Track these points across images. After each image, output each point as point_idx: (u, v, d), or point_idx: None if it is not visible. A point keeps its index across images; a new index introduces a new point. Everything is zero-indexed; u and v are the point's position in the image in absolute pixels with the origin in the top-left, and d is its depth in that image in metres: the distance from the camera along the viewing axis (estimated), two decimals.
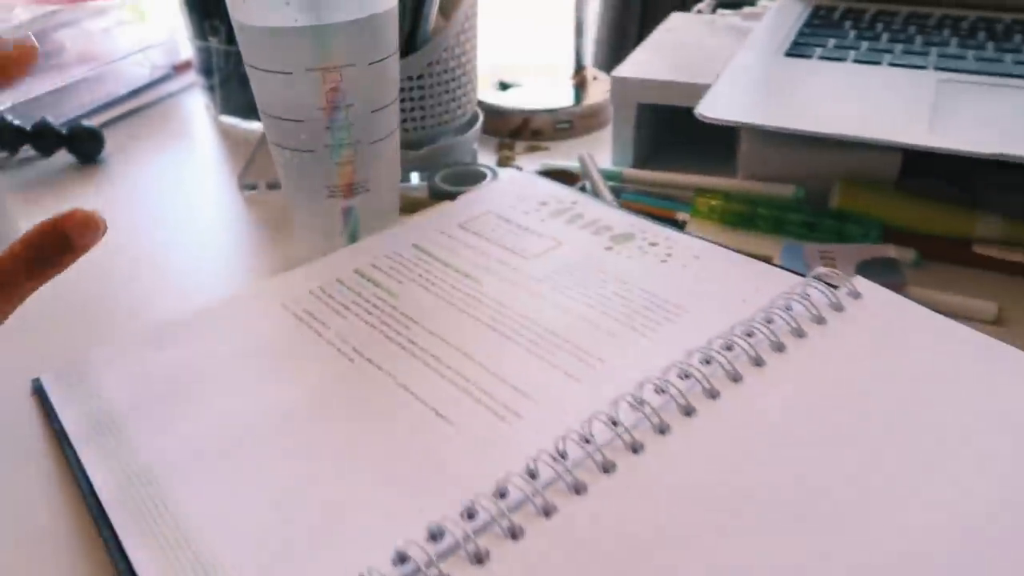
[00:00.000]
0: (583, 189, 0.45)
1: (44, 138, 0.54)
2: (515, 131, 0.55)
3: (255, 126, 0.59)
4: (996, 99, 0.38)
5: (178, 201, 0.51)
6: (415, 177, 0.49)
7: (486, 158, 0.53)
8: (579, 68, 0.58)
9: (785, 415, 0.25)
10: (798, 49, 0.45)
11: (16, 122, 0.54)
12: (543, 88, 0.58)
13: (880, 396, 0.26)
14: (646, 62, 0.48)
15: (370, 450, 0.27)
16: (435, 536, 0.22)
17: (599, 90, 0.56)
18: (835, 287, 0.30)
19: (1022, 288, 0.37)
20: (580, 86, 0.58)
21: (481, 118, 0.51)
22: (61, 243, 0.29)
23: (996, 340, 0.28)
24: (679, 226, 0.42)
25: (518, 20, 0.63)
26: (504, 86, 0.58)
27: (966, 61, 0.42)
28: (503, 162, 0.51)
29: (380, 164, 0.40)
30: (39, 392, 0.33)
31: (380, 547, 0.22)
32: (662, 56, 0.49)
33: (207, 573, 0.23)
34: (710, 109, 0.38)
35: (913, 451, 0.24)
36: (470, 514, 0.23)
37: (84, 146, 0.55)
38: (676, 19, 0.56)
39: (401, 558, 0.22)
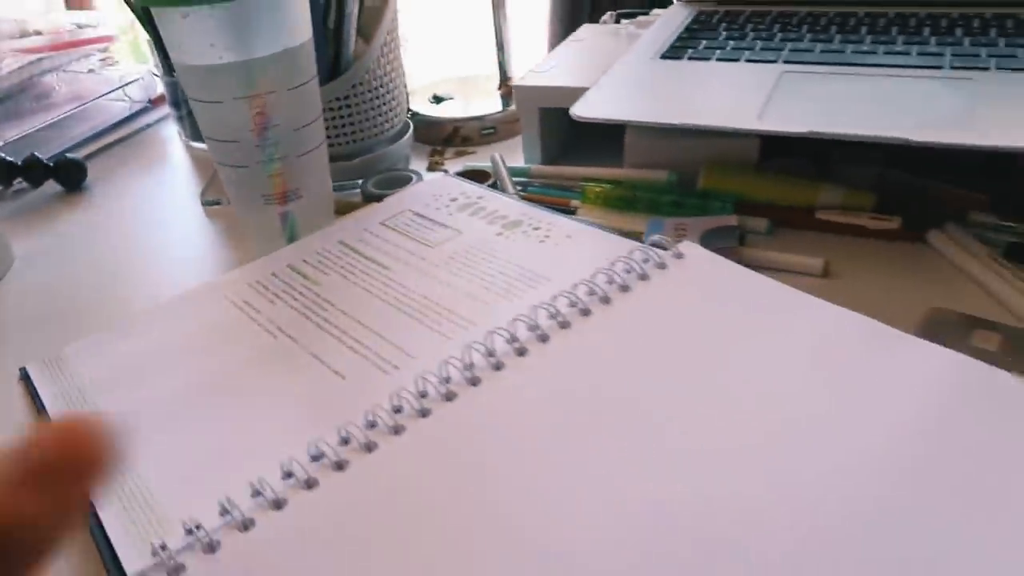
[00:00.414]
0: (493, 185, 0.51)
1: (33, 170, 0.61)
2: (447, 139, 0.62)
3: None
4: (828, 85, 0.44)
5: (151, 218, 0.58)
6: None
7: (419, 164, 0.59)
8: (504, 79, 0.65)
9: (602, 351, 0.32)
10: (672, 52, 0.51)
11: (9, 158, 0.61)
12: (473, 99, 0.64)
13: (688, 331, 0.32)
14: (547, 70, 0.54)
15: (278, 399, 0.33)
16: (315, 457, 0.29)
17: None
18: (664, 250, 0.36)
19: (855, 246, 0.43)
20: (506, 95, 0.64)
21: (411, 129, 0.57)
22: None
23: (791, 288, 0.34)
24: (571, 212, 0.48)
25: (452, 38, 0.70)
26: (437, 99, 0.64)
27: (812, 53, 0.48)
28: (432, 167, 0.58)
29: (309, 174, 0.47)
30: (25, 378, 0.40)
31: (274, 464, 0.28)
32: (563, 64, 0.55)
33: (147, 501, 0.29)
34: (583, 109, 0.44)
35: (715, 372, 0.30)
36: (344, 439, 0.29)
37: (69, 176, 0.62)
38: (584, 30, 0.62)
39: (286, 472, 0.28)
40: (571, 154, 0.56)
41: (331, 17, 0.50)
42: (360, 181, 0.54)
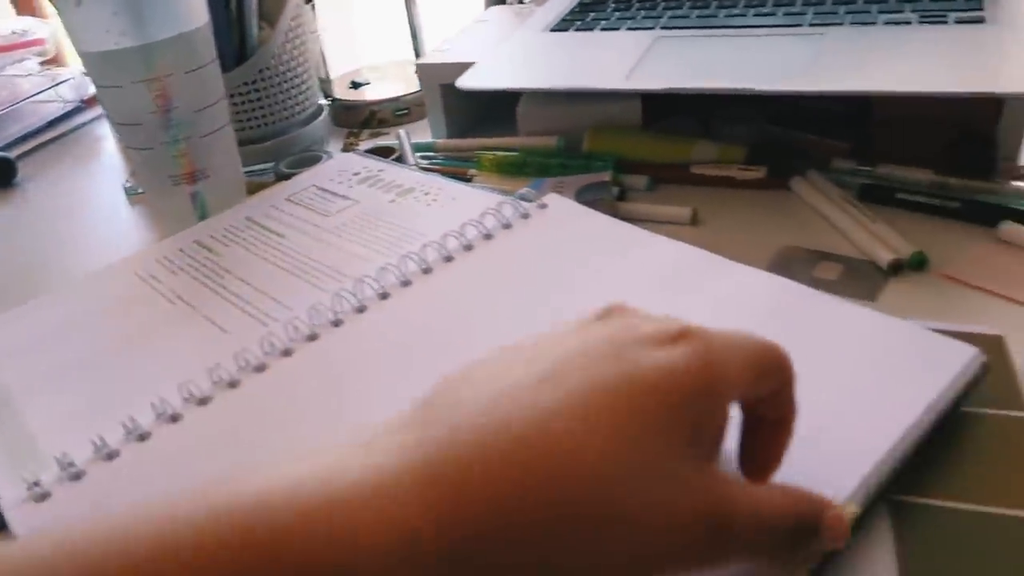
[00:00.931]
0: (400, 160, 0.54)
1: None
2: (365, 122, 0.64)
3: None
4: (697, 47, 0.47)
5: (78, 210, 0.60)
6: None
7: (338, 148, 0.61)
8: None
9: (458, 291, 0.34)
10: (561, 25, 0.53)
11: None
12: (390, 84, 0.67)
13: (541, 267, 0.35)
14: (448, 50, 0.57)
15: (166, 356, 0.36)
16: (186, 398, 0.31)
17: None
18: (529, 202, 0.39)
19: (726, 196, 0.45)
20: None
21: (324, 112, 0.59)
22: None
23: (642, 229, 0.37)
24: (467, 180, 0.50)
25: (372, 28, 0.72)
26: (355, 85, 0.66)
27: (688, 19, 0.51)
28: (347, 148, 0.60)
29: (215, 154, 0.49)
30: None
31: (146, 404, 0.31)
32: (465, 43, 0.58)
33: (31, 447, 0.32)
34: (469, 81, 0.46)
35: (563, 298, 0.33)
36: (214, 381, 0.32)
37: None
38: (490, 12, 0.64)
39: (158, 412, 0.30)
40: (480, 129, 0.59)
41: (232, 3, 0.52)
42: (274, 163, 0.56)
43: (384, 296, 0.34)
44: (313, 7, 0.64)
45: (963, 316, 0.34)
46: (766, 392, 0.22)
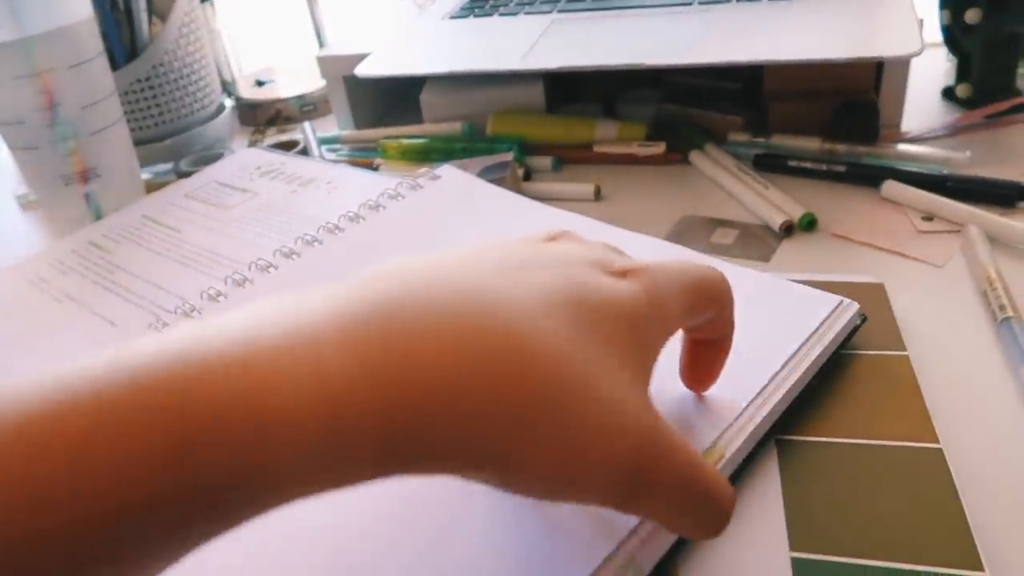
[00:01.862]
0: (304, 152, 0.53)
1: None
2: (271, 119, 0.63)
3: None
4: (590, 27, 0.48)
5: None
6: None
7: (243, 145, 0.60)
8: None
9: (348, 254, 0.34)
10: (461, 12, 0.53)
11: None
12: (295, 80, 0.66)
13: (426, 230, 0.35)
14: (347, 43, 0.56)
15: (55, 353, 0.34)
16: None
17: None
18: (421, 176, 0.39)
19: (629, 173, 0.46)
20: None
21: (228, 110, 0.58)
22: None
23: (530, 199, 0.37)
24: (374, 169, 0.50)
25: (278, 28, 0.71)
26: (260, 83, 0.65)
27: (584, 2, 0.51)
28: (252, 145, 0.59)
29: (108, 152, 0.47)
30: None
31: None
32: (365, 35, 0.57)
33: None
34: (366, 69, 0.46)
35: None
36: None
37: None
38: (394, 4, 0.64)
39: None
40: (386, 120, 0.58)
41: None
42: (174, 163, 0.55)
43: (268, 268, 0.34)
44: (212, 4, 0.63)
45: (849, 269, 0.35)
46: (704, 319, 0.22)
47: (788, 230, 0.38)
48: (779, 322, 0.28)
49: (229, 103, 0.62)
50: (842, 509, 0.22)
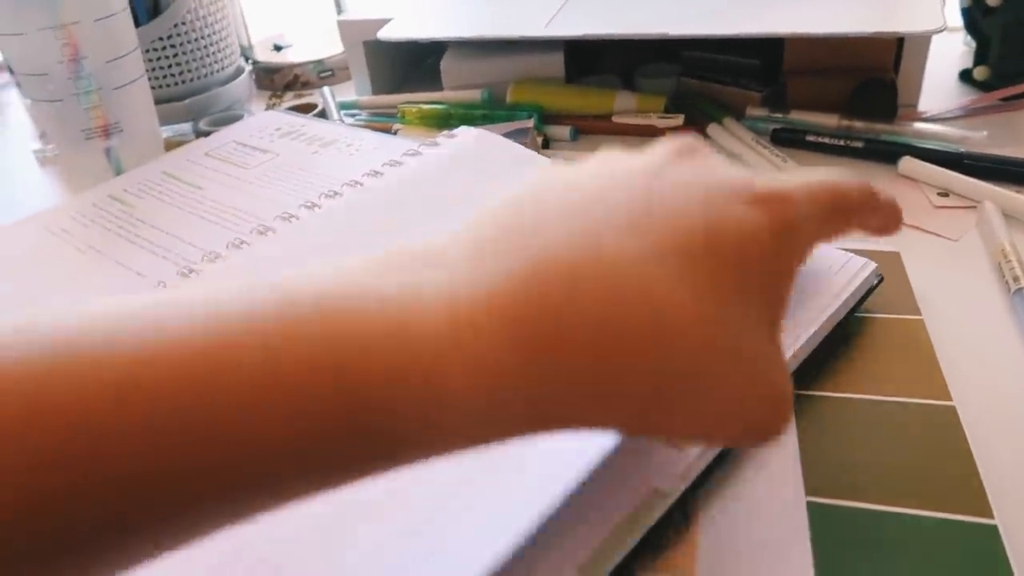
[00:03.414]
0: (322, 115, 0.53)
1: None
2: (288, 84, 0.63)
3: None
4: None
5: None
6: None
7: (260, 109, 0.60)
8: None
9: (365, 208, 0.35)
10: None
11: None
12: (314, 45, 0.66)
13: (443, 182, 0.37)
14: (370, 7, 0.56)
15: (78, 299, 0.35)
16: None
17: None
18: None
19: (643, 145, 0.46)
20: None
21: (245, 71, 0.58)
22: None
23: (542, 154, 0.38)
24: (393, 134, 0.50)
25: None
26: (278, 47, 0.65)
27: None
28: (270, 108, 0.59)
29: (129, 107, 0.48)
30: None
31: None
32: (384, 3, 0.57)
33: None
34: (389, 32, 0.46)
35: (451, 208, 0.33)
36: None
37: None
38: None
39: None
40: (405, 86, 0.59)
41: None
42: (193, 122, 0.55)
43: (290, 219, 0.34)
44: None
45: (865, 241, 0.35)
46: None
47: None
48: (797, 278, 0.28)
49: (247, 67, 0.63)
50: (857, 458, 0.23)
